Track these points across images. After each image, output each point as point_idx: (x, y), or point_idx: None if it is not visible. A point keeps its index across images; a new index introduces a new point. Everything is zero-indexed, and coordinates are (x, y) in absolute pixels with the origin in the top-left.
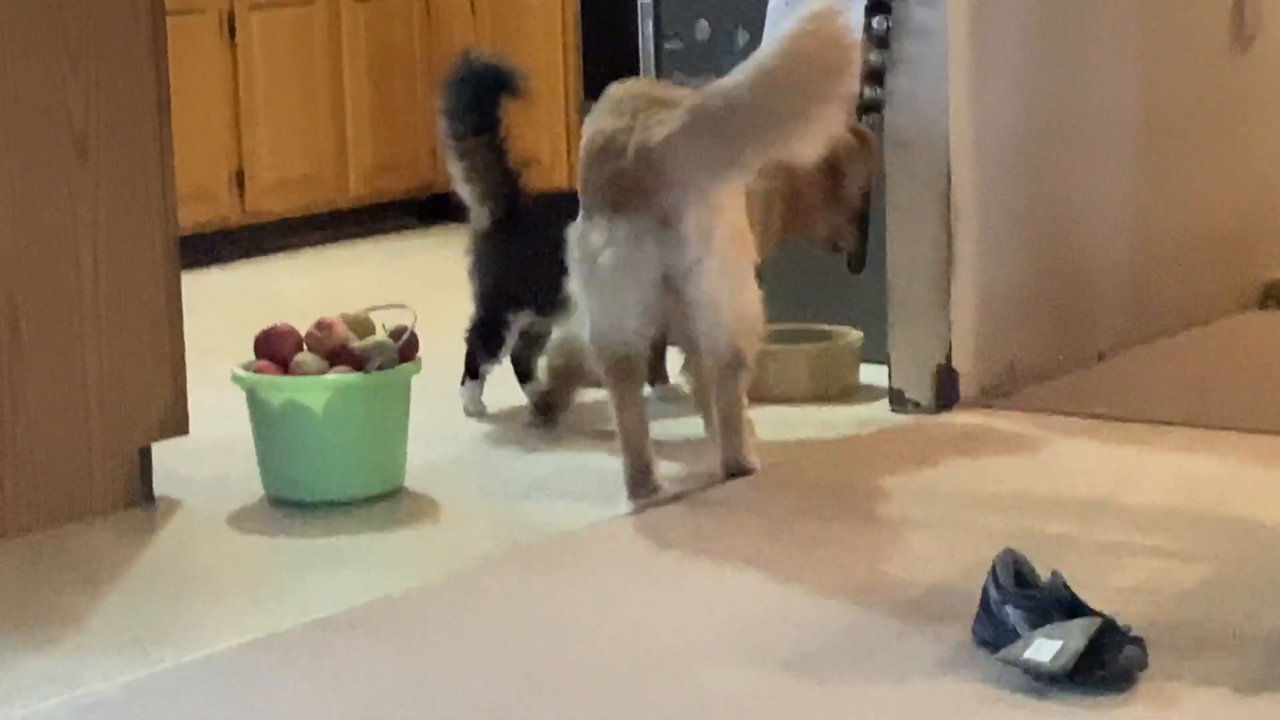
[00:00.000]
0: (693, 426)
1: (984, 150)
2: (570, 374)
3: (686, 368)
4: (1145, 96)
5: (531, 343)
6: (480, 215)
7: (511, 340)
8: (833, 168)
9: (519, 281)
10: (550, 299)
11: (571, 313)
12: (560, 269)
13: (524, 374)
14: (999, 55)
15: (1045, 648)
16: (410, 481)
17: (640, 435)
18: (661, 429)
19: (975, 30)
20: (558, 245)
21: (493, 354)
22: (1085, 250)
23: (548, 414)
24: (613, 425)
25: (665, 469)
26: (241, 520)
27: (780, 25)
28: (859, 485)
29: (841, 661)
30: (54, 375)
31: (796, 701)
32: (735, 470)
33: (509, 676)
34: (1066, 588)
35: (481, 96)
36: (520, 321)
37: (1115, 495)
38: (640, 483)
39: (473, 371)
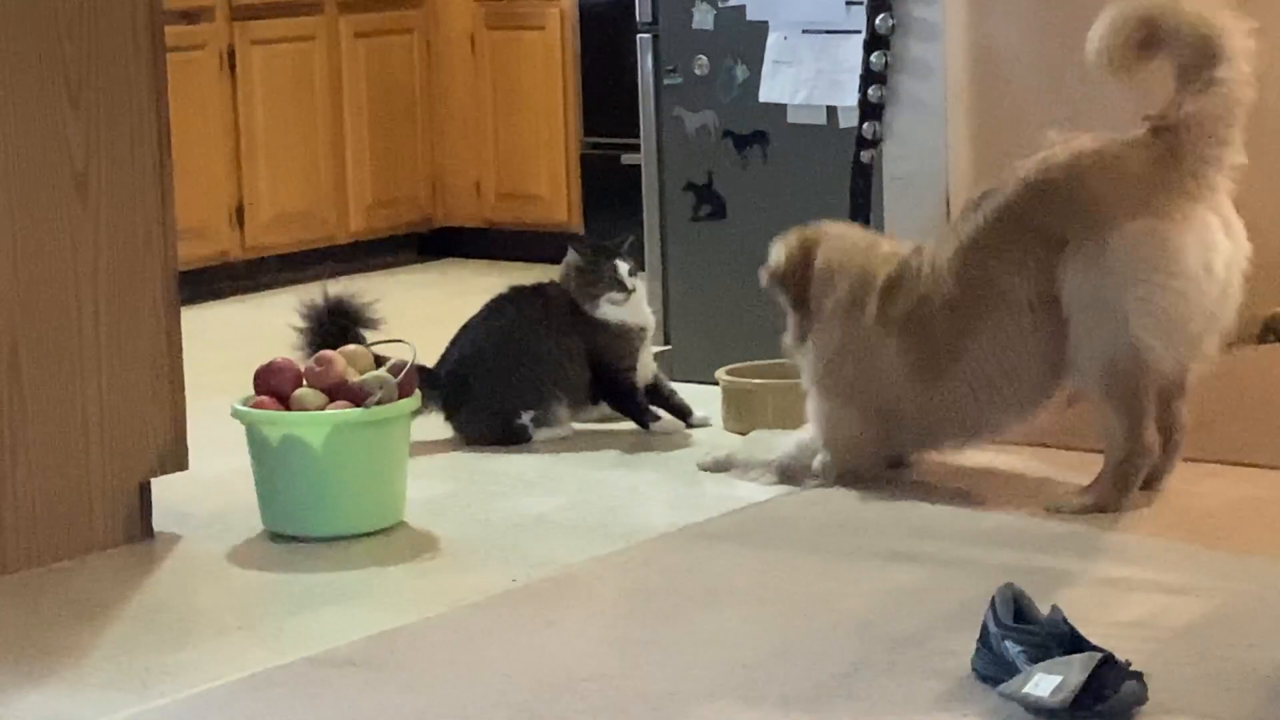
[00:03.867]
0: None
1: (982, 184)
2: None
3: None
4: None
5: None
6: None
7: None
8: None
9: None
10: None
11: None
12: None
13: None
14: (999, 90)
15: (1045, 683)
16: (409, 516)
17: None
18: None
19: (975, 66)
20: None
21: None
22: None
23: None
24: None
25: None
26: (241, 556)
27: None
28: (858, 521)
29: (841, 697)
30: (54, 410)
31: None
32: None
33: (508, 712)
34: (1066, 622)
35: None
36: None
37: (1114, 530)
38: None
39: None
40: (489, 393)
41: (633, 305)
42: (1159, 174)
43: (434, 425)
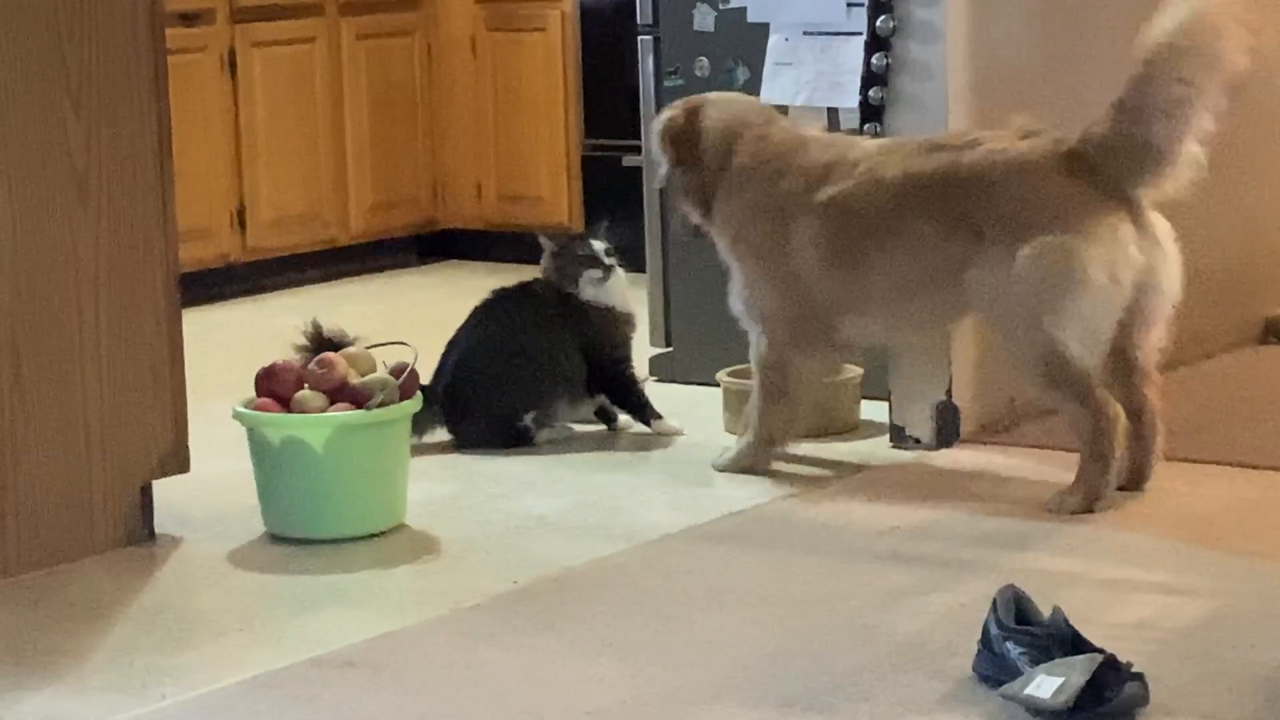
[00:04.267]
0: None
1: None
2: None
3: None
4: None
5: None
6: None
7: None
8: None
9: None
10: None
11: None
12: None
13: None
14: (1000, 92)
15: (1046, 684)
16: (411, 518)
17: None
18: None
19: (976, 69)
20: None
21: None
22: None
23: None
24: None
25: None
26: (242, 558)
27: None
28: (860, 522)
29: (842, 699)
30: (55, 413)
31: None
32: None
33: (509, 714)
34: (1067, 624)
35: None
36: None
37: (1116, 531)
38: None
39: None
40: (488, 399)
41: (616, 290)
42: (1078, 188)
43: (436, 430)
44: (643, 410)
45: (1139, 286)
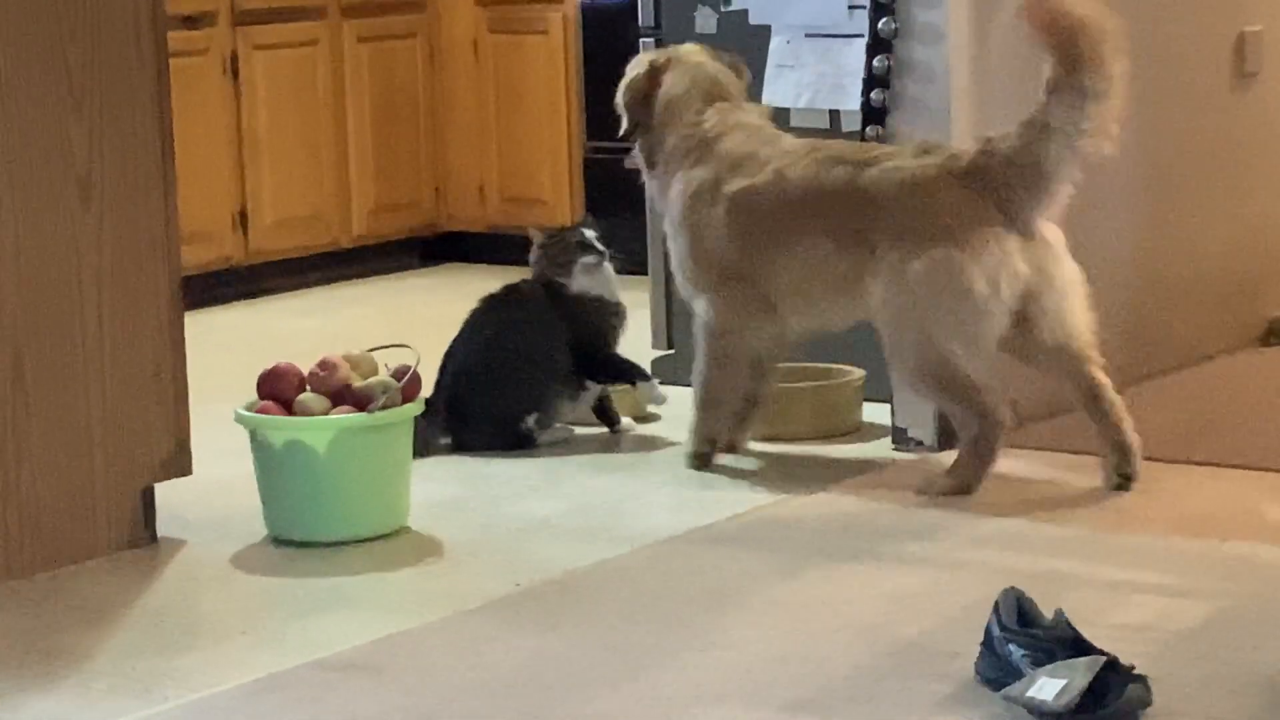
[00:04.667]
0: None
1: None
2: None
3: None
4: (1146, 134)
5: None
6: None
7: None
8: None
9: None
10: None
11: None
12: None
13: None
14: (1000, 99)
15: (1049, 686)
16: (413, 521)
17: None
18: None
19: (978, 70)
20: None
21: None
22: (1088, 288)
23: None
24: None
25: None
26: (244, 560)
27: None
28: (861, 524)
29: (844, 701)
30: (58, 416)
31: None
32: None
33: (511, 717)
34: (1069, 626)
35: None
36: None
37: (1118, 533)
38: None
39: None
40: (489, 405)
41: (607, 279)
42: (965, 204)
43: (439, 447)
44: (630, 373)
45: (1028, 293)
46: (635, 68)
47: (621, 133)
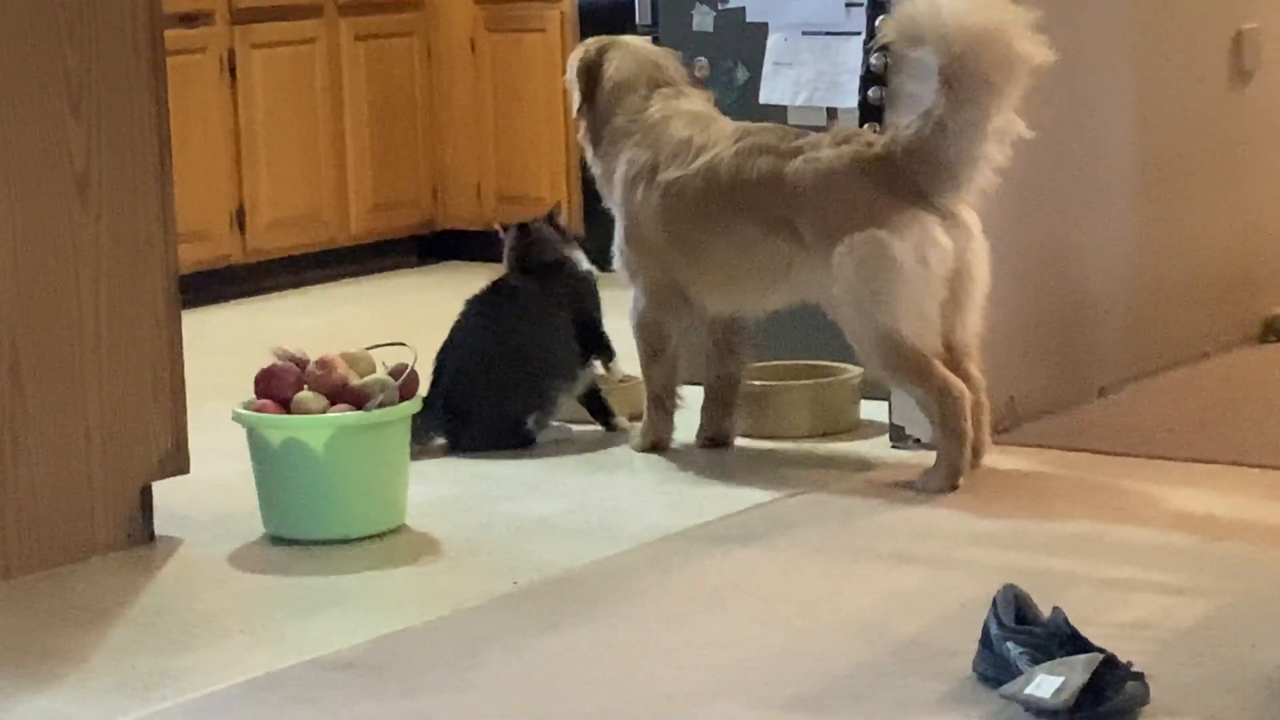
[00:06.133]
0: None
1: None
2: None
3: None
4: (1144, 132)
5: None
6: None
7: None
8: None
9: None
10: None
11: None
12: None
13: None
14: None
15: (1047, 684)
16: (411, 519)
17: None
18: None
19: None
20: None
21: None
22: (1085, 286)
23: None
24: None
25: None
26: (242, 559)
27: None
28: (860, 522)
29: (843, 699)
30: (55, 415)
31: None
32: None
33: (510, 716)
34: (1067, 623)
35: None
36: None
37: (1116, 530)
38: None
39: None
40: (488, 406)
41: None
42: (883, 188)
43: (436, 438)
44: (609, 351)
45: (953, 273)
46: (582, 47)
47: (575, 111)
